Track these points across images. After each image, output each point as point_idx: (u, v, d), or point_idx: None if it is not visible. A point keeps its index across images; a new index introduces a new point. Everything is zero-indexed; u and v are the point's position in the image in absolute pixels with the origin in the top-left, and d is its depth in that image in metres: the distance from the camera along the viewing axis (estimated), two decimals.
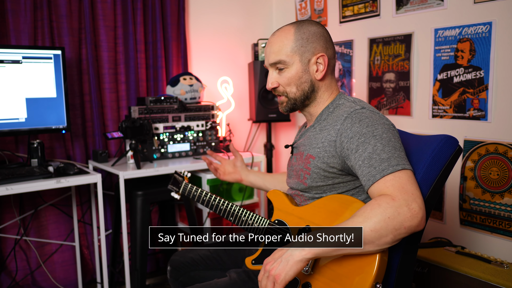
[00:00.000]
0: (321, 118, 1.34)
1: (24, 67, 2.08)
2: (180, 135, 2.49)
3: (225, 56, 3.03)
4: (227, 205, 1.46)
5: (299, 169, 1.33)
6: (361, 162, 1.13)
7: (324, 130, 1.28)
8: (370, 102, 2.57)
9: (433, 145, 1.19)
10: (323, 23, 2.84)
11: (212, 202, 1.50)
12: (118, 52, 2.55)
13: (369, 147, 1.13)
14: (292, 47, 1.28)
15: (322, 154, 1.24)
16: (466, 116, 2.10)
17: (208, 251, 1.58)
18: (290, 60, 1.29)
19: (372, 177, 1.10)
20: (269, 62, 1.33)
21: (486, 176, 2.03)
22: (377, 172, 1.09)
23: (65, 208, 2.45)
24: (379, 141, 1.13)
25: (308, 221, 1.25)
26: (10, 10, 2.21)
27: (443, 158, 1.17)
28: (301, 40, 1.29)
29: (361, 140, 1.15)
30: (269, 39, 1.35)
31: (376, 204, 1.04)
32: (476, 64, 2.03)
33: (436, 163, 1.17)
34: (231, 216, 1.44)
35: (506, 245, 1.98)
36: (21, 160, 2.28)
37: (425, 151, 1.20)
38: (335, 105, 1.32)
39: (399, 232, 1.02)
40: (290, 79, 1.30)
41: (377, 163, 1.10)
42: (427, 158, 1.18)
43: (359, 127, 1.17)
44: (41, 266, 2.40)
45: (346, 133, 1.18)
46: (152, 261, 2.74)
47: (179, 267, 1.57)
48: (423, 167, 1.17)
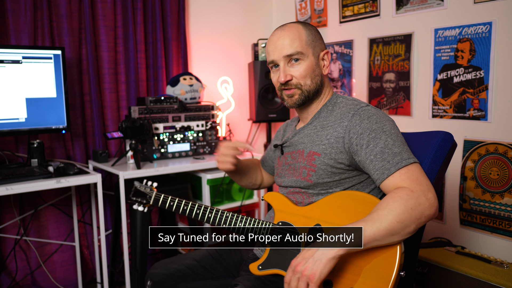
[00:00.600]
0: (319, 116, 1.35)
1: (24, 67, 2.07)
2: (180, 135, 2.49)
3: (225, 56, 3.03)
4: (216, 213, 1.34)
5: (300, 166, 1.32)
6: (373, 157, 1.17)
7: (327, 128, 1.29)
8: (370, 102, 2.57)
9: (433, 141, 1.29)
10: (323, 23, 2.85)
11: (196, 211, 1.35)
12: (118, 52, 2.55)
13: (380, 142, 1.18)
14: (306, 40, 1.31)
15: (329, 150, 1.26)
16: (466, 116, 2.10)
17: (194, 260, 1.45)
18: (306, 52, 1.30)
19: (386, 170, 1.15)
20: (283, 54, 1.30)
21: (486, 176, 2.03)
22: (391, 165, 1.15)
23: (65, 208, 2.45)
24: (389, 136, 1.19)
25: (317, 219, 1.23)
26: (10, 10, 2.21)
27: (443, 152, 1.28)
28: (311, 35, 1.33)
29: (371, 136, 1.19)
30: (277, 34, 1.33)
31: (398, 196, 1.08)
32: (476, 64, 2.03)
33: (438, 157, 1.27)
34: (224, 223, 1.32)
35: (506, 245, 1.98)
36: (21, 160, 2.28)
37: (427, 145, 1.29)
38: (333, 103, 1.35)
39: (420, 221, 1.08)
40: (306, 71, 1.30)
41: (390, 157, 1.16)
42: (430, 152, 1.27)
43: (369, 123, 1.21)
44: (41, 266, 2.40)
45: (355, 129, 1.22)
46: (152, 261, 2.74)
47: (161, 281, 1.41)
48: (428, 161, 1.26)
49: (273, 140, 1.60)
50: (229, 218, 1.32)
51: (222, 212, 1.34)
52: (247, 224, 1.31)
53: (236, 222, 1.31)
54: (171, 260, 1.48)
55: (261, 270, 1.29)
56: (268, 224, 1.30)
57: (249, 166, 1.66)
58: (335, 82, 2.81)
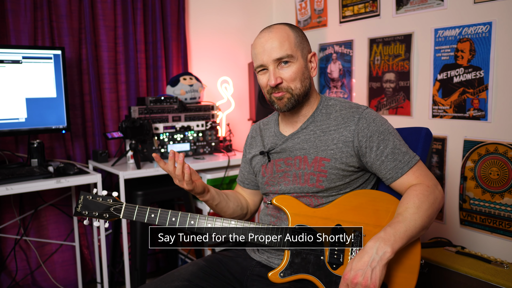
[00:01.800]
0: (315, 120, 1.33)
1: (24, 67, 2.07)
2: (180, 135, 2.49)
3: (225, 56, 3.03)
4: (211, 221, 1.22)
5: (305, 173, 1.29)
6: (384, 157, 1.24)
7: (330, 132, 1.29)
8: (370, 102, 2.57)
9: (419, 137, 1.39)
10: (323, 23, 2.85)
11: (190, 221, 1.23)
12: (118, 52, 2.55)
13: (389, 143, 1.25)
14: (295, 42, 1.29)
15: (339, 155, 1.27)
16: (466, 116, 2.09)
17: (184, 281, 1.26)
18: (295, 54, 1.28)
19: (400, 169, 1.24)
20: (273, 58, 1.26)
21: (486, 176, 2.03)
22: (403, 164, 1.24)
23: (65, 208, 2.45)
24: (395, 137, 1.27)
25: (336, 220, 1.23)
26: (10, 10, 2.21)
27: (427, 147, 1.39)
28: (299, 37, 1.31)
29: (380, 138, 1.25)
30: (265, 36, 1.29)
31: (420, 194, 1.18)
32: (476, 64, 2.03)
33: (425, 151, 1.38)
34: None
35: (506, 245, 1.98)
36: (21, 160, 2.28)
37: (416, 141, 1.40)
38: (326, 106, 1.35)
39: (437, 212, 1.21)
40: (296, 74, 1.27)
41: (401, 156, 1.24)
42: (419, 148, 1.38)
43: (375, 126, 1.26)
44: (41, 266, 2.40)
45: (364, 133, 1.26)
46: (152, 261, 2.74)
47: None
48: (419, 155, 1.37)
49: (248, 149, 1.49)
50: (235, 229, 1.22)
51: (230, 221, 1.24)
52: (268, 233, 1.21)
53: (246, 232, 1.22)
54: (155, 284, 1.26)
55: (284, 277, 1.23)
56: (286, 230, 1.23)
57: (227, 193, 1.46)
58: (335, 82, 2.81)
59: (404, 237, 1.11)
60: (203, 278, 1.29)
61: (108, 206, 1.26)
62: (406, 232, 1.12)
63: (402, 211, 1.16)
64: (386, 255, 1.07)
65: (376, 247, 1.08)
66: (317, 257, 1.22)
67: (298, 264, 1.23)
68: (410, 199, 1.17)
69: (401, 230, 1.12)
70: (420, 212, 1.15)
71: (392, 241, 1.09)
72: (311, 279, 1.22)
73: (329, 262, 1.21)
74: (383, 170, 1.25)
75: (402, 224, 1.13)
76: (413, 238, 1.15)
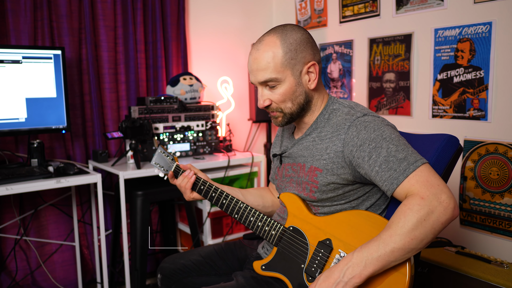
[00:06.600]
0: (317, 126, 1.27)
1: (24, 67, 2.08)
2: (180, 135, 2.49)
3: (225, 56, 3.03)
4: (230, 200, 1.36)
5: (302, 181, 1.26)
6: (378, 167, 1.10)
7: (325, 140, 1.22)
8: (370, 102, 2.57)
9: (436, 144, 1.22)
10: (323, 23, 2.85)
11: (212, 193, 1.39)
12: (118, 52, 2.55)
13: (382, 151, 1.10)
14: (282, 62, 1.18)
15: (330, 166, 1.19)
16: (466, 116, 2.10)
17: (200, 256, 1.50)
18: (282, 76, 1.19)
19: (395, 179, 1.07)
20: (258, 81, 1.22)
21: (486, 176, 2.03)
22: (399, 173, 1.07)
23: (65, 208, 2.45)
24: (390, 142, 1.11)
25: (328, 233, 1.18)
26: (10, 10, 2.21)
27: (447, 156, 1.20)
28: (290, 52, 1.19)
29: (372, 146, 1.11)
30: (253, 54, 1.22)
31: (408, 209, 1.01)
32: (476, 64, 2.03)
33: (440, 162, 1.20)
34: (236, 213, 1.35)
35: (506, 245, 1.98)
36: (21, 160, 2.28)
37: (429, 150, 1.22)
38: (330, 110, 1.27)
39: (436, 229, 1.01)
40: (284, 95, 1.21)
41: (396, 164, 1.08)
42: (431, 156, 1.20)
43: (366, 133, 1.13)
44: (41, 266, 2.40)
45: (353, 142, 1.14)
46: (152, 261, 2.74)
47: (170, 275, 1.49)
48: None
49: (273, 148, 1.51)
50: (242, 209, 1.34)
51: (237, 201, 1.36)
52: (259, 220, 1.31)
53: (248, 215, 1.33)
54: (180, 255, 1.54)
55: (264, 270, 1.28)
56: (280, 226, 1.27)
57: (249, 191, 1.56)
58: (335, 82, 2.81)
59: (376, 263, 1.00)
60: (215, 258, 1.49)
61: (169, 165, 1.50)
62: (380, 258, 1.00)
63: (385, 229, 1.03)
64: (353, 281, 1.01)
65: (344, 271, 1.03)
66: (298, 263, 1.22)
67: (280, 263, 1.26)
68: (396, 216, 1.03)
69: (374, 255, 1.01)
70: (402, 233, 0.99)
71: (361, 267, 1.01)
72: (287, 282, 1.23)
73: (306, 272, 1.19)
74: (379, 182, 1.11)
75: (377, 248, 1.01)
76: (394, 262, 1.02)
